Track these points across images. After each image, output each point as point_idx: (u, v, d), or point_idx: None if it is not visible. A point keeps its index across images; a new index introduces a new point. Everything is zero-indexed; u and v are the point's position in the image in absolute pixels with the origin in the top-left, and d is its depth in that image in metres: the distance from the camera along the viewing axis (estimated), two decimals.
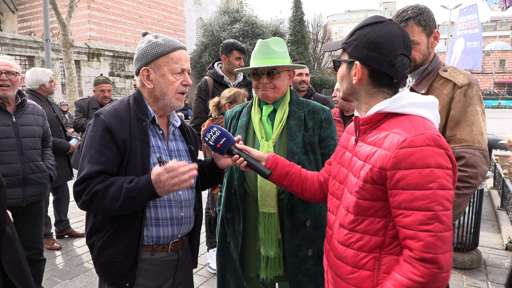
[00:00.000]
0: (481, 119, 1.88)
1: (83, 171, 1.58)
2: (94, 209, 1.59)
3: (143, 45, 1.70)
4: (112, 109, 1.67)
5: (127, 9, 22.90)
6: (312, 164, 1.93)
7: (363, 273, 1.28)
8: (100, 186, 1.54)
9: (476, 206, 4.09)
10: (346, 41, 1.37)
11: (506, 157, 10.05)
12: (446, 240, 1.12)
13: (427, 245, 1.11)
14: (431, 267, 1.10)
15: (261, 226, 1.90)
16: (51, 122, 4.23)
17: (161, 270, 1.75)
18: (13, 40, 15.43)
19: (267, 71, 1.89)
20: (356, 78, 1.34)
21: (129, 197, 1.51)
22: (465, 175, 1.80)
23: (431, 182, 1.13)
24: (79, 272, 3.84)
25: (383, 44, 1.28)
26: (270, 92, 1.92)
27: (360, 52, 1.32)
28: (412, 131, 1.19)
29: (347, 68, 1.38)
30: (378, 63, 1.30)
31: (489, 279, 3.76)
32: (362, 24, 1.35)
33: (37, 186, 2.98)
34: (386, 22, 1.32)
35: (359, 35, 1.33)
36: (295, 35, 28.46)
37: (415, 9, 1.95)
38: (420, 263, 1.12)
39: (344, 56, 1.39)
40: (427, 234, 1.11)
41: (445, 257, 1.11)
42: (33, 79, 4.14)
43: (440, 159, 1.15)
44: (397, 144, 1.19)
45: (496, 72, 53.85)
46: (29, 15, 23.84)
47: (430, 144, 1.16)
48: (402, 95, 1.30)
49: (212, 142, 1.73)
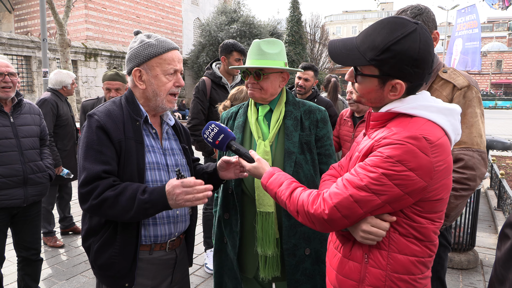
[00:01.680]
0: (480, 121, 1.88)
1: (86, 172, 1.56)
2: (101, 215, 1.57)
3: (136, 45, 1.69)
4: (105, 109, 1.66)
5: (125, 9, 22.85)
6: (309, 163, 1.94)
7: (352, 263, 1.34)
8: (110, 192, 1.52)
9: (473, 206, 4.11)
10: (377, 58, 1.23)
11: (503, 158, 10.09)
12: (347, 204, 1.23)
13: (335, 194, 1.25)
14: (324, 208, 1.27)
15: (259, 225, 1.90)
16: (68, 121, 4.54)
17: (160, 269, 1.75)
18: (9, 40, 15.36)
19: (254, 71, 1.91)
20: (397, 95, 1.27)
21: (143, 208, 1.52)
22: (463, 177, 1.80)
23: (384, 169, 1.17)
24: (77, 272, 3.84)
25: (425, 58, 1.22)
26: (257, 93, 1.93)
27: (402, 71, 1.22)
28: (404, 129, 1.19)
29: (379, 83, 1.27)
30: (421, 77, 1.25)
31: (485, 279, 3.78)
32: (394, 37, 1.20)
33: (37, 186, 2.97)
34: (418, 29, 1.21)
35: (397, 52, 1.19)
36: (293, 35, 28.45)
37: (414, 9, 1.95)
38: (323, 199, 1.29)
39: (371, 70, 1.27)
40: (342, 190, 1.24)
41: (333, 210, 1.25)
42: (57, 79, 4.47)
43: (411, 158, 1.15)
44: (381, 136, 1.23)
45: (492, 73, 54.04)
46: (26, 15, 23.75)
47: (409, 142, 1.15)
48: (416, 97, 1.28)
49: (210, 139, 1.74)
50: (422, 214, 1.23)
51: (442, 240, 1.95)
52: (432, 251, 1.29)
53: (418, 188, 1.17)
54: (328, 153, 2.00)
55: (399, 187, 1.16)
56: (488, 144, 5.28)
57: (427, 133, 1.17)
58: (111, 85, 3.95)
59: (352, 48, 1.29)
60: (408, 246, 1.25)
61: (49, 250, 4.36)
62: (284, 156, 1.90)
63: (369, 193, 1.19)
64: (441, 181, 1.20)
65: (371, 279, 1.27)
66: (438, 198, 1.22)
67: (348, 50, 1.30)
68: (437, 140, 1.18)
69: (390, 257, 1.25)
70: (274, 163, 1.91)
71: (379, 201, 1.19)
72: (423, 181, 1.16)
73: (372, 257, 1.28)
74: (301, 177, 1.89)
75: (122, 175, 1.61)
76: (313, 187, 1.81)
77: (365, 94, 1.33)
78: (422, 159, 1.15)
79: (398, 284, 1.25)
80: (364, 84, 1.31)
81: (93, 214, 1.61)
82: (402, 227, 1.24)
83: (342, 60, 1.31)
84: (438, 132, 1.21)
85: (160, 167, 1.71)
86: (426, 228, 1.25)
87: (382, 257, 1.26)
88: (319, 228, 1.31)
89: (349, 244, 1.35)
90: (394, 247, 1.25)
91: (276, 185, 1.49)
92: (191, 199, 1.51)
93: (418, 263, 1.26)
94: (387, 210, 1.22)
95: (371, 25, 1.30)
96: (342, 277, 1.35)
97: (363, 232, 1.25)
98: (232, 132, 1.74)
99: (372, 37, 1.25)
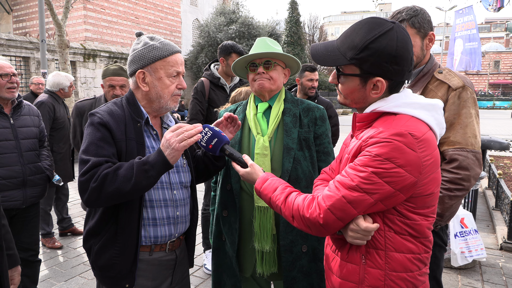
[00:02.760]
0: (475, 121, 1.89)
1: (86, 163, 1.54)
2: (103, 196, 1.49)
3: (139, 47, 1.69)
4: (107, 109, 1.67)
5: (123, 10, 22.84)
6: (307, 160, 1.96)
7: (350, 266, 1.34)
8: (108, 169, 1.51)
9: (471, 206, 4.13)
10: (357, 56, 1.26)
11: (501, 158, 10.12)
12: (340, 206, 1.24)
13: (328, 197, 1.27)
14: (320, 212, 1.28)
15: (256, 220, 1.92)
16: (64, 124, 4.49)
17: (160, 270, 1.76)
18: (8, 41, 15.34)
19: (264, 61, 1.94)
20: (379, 93, 1.30)
21: (142, 170, 1.49)
22: (458, 177, 1.82)
23: (374, 167, 1.19)
24: (75, 273, 3.84)
25: (403, 55, 1.25)
26: (267, 82, 1.95)
27: (381, 68, 1.26)
28: (390, 128, 1.21)
29: (360, 82, 1.31)
30: (401, 74, 1.28)
31: (484, 279, 3.79)
32: (372, 36, 1.25)
33: (36, 187, 2.97)
34: (395, 28, 1.26)
35: (376, 49, 1.24)
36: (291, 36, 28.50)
37: (410, 11, 1.97)
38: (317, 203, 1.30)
39: (352, 69, 1.31)
40: (334, 192, 1.26)
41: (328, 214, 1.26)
42: (55, 81, 4.44)
43: (399, 154, 1.17)
44: (368, 136, 1.25)
45: (490, 73, 54.16)
46: (24, 16, 23.72)
47: (396, 139, 1.18)
48: (399, 95, 1.31)
49: (204, 143, 1.74)
50: (415, 211, 1.25)
51: (438, 240, 1.96)
52: (428, 247, 1.31)
53: (408, 184, 1.19)
54: (327, 151, 2.02)
55: (390, 185, 1.18)
56: (486, 144, 5.30)
57: (412, 129, 1.20)
58: (115, 82, 3.31)
59: (333, 49, 1.33)
60: (404, 243, 1.26)
61: (47, 251, 4.36)
62: (283, 152, 1.92)
63: (361, 193, 1.21)
64: (430, 175, 1.23)
65: (371, 280, 1.28)
66: (429, 193, 1.25)
67: (329, 52, 1.34)
68: (422, 135, 1.20)
69: (387, 256, 1.27)
70: (273, 159, 1.93)
71: (372, 200, 1.20)
72: (412, 177, 1.18)
73: (369, 258, 1.29)
74: (299, 173, 1.91)
75: None
76: (311, 184, 1.82)
77: (349, 94, 1.36)
78: (409, 154, 1.17)
79: (397, 283, 1.26)
80: (346, 84, 1.34)
81: (93, 202, 1.52)
82: (396, 225, 1.26)
83: (324, 61, 1.35)
84: (422, 128, 1.23)
85: None
86: (420, 225, 1.26)
87: (379, 256, 1.27)
88: (315, 232, 1.32)
89: (346, 246, 1.36)
90: (390, 246, 1.26)
91: (271, 190, 1.49)
92: (183, 137, 1.51)
93: (415, 259, 1.28)
94: (380, 208, 1.24)
95: (349, 27, 1.35)
96: (341, 280, 1.36)
97: (351, 231, 1.26)
98: (225, 136, 1.74)
99: (351, 38, 1.29)
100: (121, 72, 3.33)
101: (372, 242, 1.28)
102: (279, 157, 1.93)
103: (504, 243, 4.54)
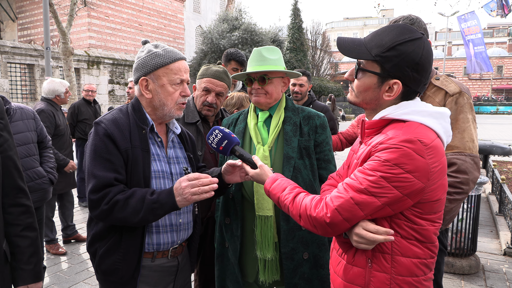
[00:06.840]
0: (472, 126, 1.93)
1: (96, 179, 1.56)
2: (111, 219, 1.57)
3: (143, 55, 1.71)
4: (112, 118, 1.68)
5: (127, 17, 23.04)
6: (307, 168, 1.97)
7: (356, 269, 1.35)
8: (120, 196, 1.55)
9: (474, 211, 4.12)
10: (382, 54, 1.28)
11: (504, 163, 10.08)
12: (348, 207, 1.26)
13: (336, 198, 1.29)
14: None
15: (258, 229, 1.93)
16: (64, 130, 4.45)
17: (162, 276, 1.77)
18: (13, 48, 15.50)
19: (259, 77, 1.95)
20: (392, 96, 1.31)
21: (151, 209, 1.54)
22: (457, 181, 1.84)
23: (383, 172, 1.20)
24: (79, 279, 3.85)
25: (425, 66, 1.28)
26: (262, 98, 1.96)
27: (402, 71, 1.27)
28: (399, 134, 1.23)
29: (378, 81, 1.32)
30: (417, 84, 1.30)
31: (487, 284, 3.78)
32: (401, 39, 1.27)
33: (38, 192, 2.96)
34: (423, 38, 1.28)
35: (402, 52, 1.26)
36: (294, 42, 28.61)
37: (406, 19, 2.01)
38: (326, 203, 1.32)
39: (373, 67, 1.32)
40: (343, 193, 1.28)
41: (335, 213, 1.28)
42: (50, 89, 4.38)
43: (408, 160, 1.18)
44: (377, 142, 1.26)
45: (494, 78, 54.06)
46: (29, 23, 23.97)
47: (405, 145, 1.19)
48: (408, 103, 1.32)
49: (214, 144, 1.77)
50: (423, 216, 1.27)
51: (439, 244, 1.98)
52: (434, 253, 1.32)
53: (416, 190, 1.20)
54: (327, 159, 2.03)
55: (398, 189, 1.20)
56: (488, 150, 5.30)
57: (421, 136, 1.22)
58: (213, 86, 2.44)
59: (360, 44, 1.36)
60: (411, 248, 1.27)
61: (51, 258, 4.37)
62: (283, 161, 1.93)
63: (369, 196, 1.22)
64: (438, 181, 1.24)
65: (376, 283, 1.29)
66: (436, 199, 1.26)
67: (356, 45, 1.36)
68: (431, 142, 1.22)
69: (393, 260, 1.28)
70: (273, 168, 1.94)
71: (379, 203, 1.22)
72: (420, 183, 1.20)
73: (375, 262, 1.30)
74: (299, 182, 1.92)
75: (129, 184, 1.63)
76: (312, 192, 1.84)
77: (362, 91, 1.37)
78: (418, 161, 1.19)
79: (403, 287, 1.27)
80: (363, 80, 1.36)
81: (101, 220, 1.61)
82: (403, 229, 1.27)
83: (348, 51, 1.36)
84: (431, 135, 1.25)
85: (164, 175, 1.73)
86: (427, 230, 1.28)
87: (385, 260, 1.28)
88: (321, 232, 1.34)
89: (352, 250, 1.37)
90: (397, 250, 1.28)
91: (279, 190, 1.52)
92: (197, 191, 1.53)
93: (421, 264, 1.29)
94: (388, 212, 1.25)
95: (380, 28, 1.37)
96: (347, 283, 1.37)
97: (356, 236, 1.28)
98: (236, 137, 1.76)
99: (380, 37, 1.31)
100: (223, 77, 2.49)
101: (378, 246, 1.29)
102: (279, 166, 1.95)
103: (507, 249, 4.53)
